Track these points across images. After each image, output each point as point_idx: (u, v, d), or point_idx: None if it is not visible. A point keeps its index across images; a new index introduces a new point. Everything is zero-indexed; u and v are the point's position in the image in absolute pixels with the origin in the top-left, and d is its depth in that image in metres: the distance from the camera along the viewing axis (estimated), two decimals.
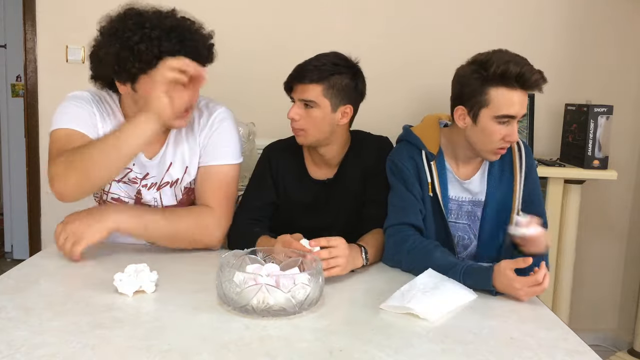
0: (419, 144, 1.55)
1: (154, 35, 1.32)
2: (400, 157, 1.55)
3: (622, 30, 2.56)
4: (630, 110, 2.61)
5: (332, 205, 1.62)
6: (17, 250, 3.74)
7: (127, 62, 1.32)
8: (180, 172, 1.52)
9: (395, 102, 2.53)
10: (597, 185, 2.59)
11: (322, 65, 1.50)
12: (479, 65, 1.43)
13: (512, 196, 1.54)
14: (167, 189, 1.53)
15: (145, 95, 1.35)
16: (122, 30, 1.34)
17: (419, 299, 1.16)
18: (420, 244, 1.42)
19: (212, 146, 1.52)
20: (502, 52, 1.44)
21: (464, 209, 1.57)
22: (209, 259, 1.40)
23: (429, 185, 1.53)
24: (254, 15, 2.50)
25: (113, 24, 1.37)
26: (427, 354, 0.96)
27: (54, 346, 0.91)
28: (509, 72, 1.38)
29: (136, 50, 1.31)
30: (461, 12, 2.52)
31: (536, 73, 1.39)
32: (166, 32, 1.33)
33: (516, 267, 1.24)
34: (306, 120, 1.52)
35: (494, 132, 1.43)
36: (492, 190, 1.55)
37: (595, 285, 2.71)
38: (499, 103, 1.40)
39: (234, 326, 1.03)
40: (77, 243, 1.31)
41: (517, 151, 1.57)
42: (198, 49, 1.38)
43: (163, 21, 1.36)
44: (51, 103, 2.53)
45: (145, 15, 1.37)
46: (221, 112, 1.55)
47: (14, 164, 3.75)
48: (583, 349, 1.02)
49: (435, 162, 1.54)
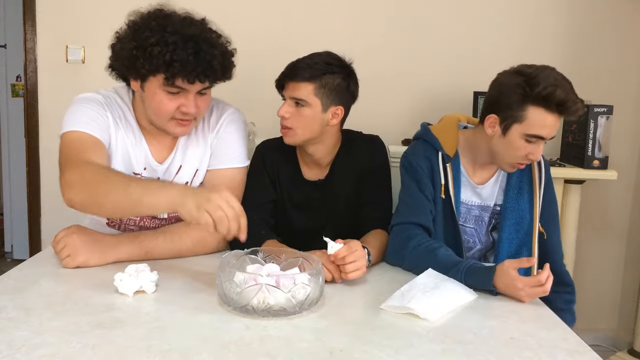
0: (437, 144, 1.53)
1: (171, 41, 1.30)
2: (415, 156, 1.54)
3: (622, 31, 2.56)
4: (630, 110, 2.61)
5: (324, 206, 1.61)
6: (17, 250, 3.74)
7: (138, 61, 1.32)
8: (189, 175, 1.51)
9: (395, 103, 2.53)
10: (597, 185, 2.59)
11: (315, 64, 1.49)
12: (524, 79, 1.38)
13: (533, 210, 1.54)
14: None
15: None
16: (143, 28, 1.33)
17: (419, 299, 1.15)
18: (425, 243, 1.41)
19: (219, 149, 1.52)
20: (550, 70, 1.39)
21: (472, 213, 1.57)
22: (209, 259, 1.40)
23: (441, 187, 1.52)
24: (254, 16, 2.50)
25: (138, 20, 1.37)
26: (427, 354, 0.96)
27: (54, 346, 0.91)
28: (554, 96, 1.35)
29: (149, 52, 1.30)
30: (461, 13, 2.52)
31: (578, 102, 1.37)
32: (184, 40, 1.31)
33: (519, 266, 1.24)
34: (296, 118, 1.51)
35: (519, 148, 1.42)
36: (512, 203, 1.54)
37: (595, 285, 2.71)
38: (533, 122, 1.38)
39: (234, 326, 1.03)
40: (72, 258, 1.29)
41: (537, 165, 1.55)
42: (212, 64, 1.34)
43: (185, 28, 1.34)
44: (51, 103, 2.53)
45: (171, 18, 1.35)
46: (230, 113, 1.55)
47: (14, 164, 3.74)
48: (583, 349, 1.02)
49: (450, 164, 1.53)
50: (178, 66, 1.29)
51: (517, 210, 1.54)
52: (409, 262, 1.41)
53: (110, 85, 1.53)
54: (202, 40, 1.34)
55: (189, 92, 1.36)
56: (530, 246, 1.54)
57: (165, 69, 1.30)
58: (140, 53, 1.31)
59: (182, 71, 1.30)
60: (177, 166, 1.50)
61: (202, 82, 1.34)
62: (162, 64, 1.30)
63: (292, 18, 2.50)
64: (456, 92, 2.48)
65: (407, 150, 1.59)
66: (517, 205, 1.54)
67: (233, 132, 1.54)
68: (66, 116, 1.41)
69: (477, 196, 1.56)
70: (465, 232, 1.57)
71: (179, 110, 1.37)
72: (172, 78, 1.31)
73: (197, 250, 1.43)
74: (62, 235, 1.32)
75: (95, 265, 1.30)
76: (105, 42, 1.46)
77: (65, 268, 1.29)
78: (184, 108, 1.37)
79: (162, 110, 1.37)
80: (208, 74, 1.34)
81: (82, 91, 1.57)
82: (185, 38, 1.31)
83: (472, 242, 1.58)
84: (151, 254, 1.36)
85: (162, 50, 1.29)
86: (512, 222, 1.54)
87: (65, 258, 1.29)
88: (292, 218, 1.63)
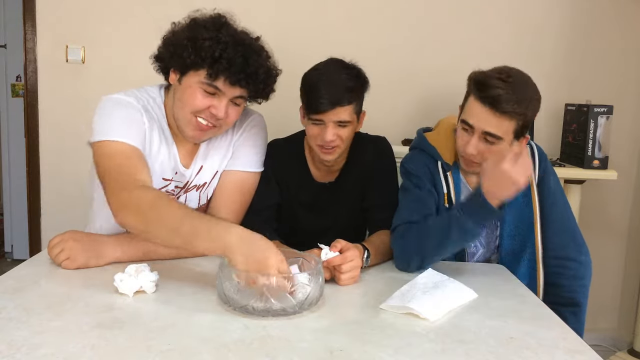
0: (435, 155, 1.53)
1: (223, 40, 1.31)
2: (415, 167, 1.53)
3: (622, 31, 2.56)
4: (630, 110, 2.61)
5: (331, 208, 1.62)
6: (17, 250, 3.74)
7: (186, 51, 1.32)
8: (209, 177, 1.51)
9: (395, 103, 2.53)
10: (597, 185, 2.59)
11: (353, 85, 1.49)
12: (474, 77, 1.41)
13: (531, 204, 1.52)
14: (193, 192, 1.51)
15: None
16: (199, 25, 1.34)
17: (419, 298, 1.16)
18: (424, 224, 1.42)
19: (239, 150, 1.52)
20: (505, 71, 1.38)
21: None
22: (209, 259, 1.40)
23: (445, 195, 1.51)
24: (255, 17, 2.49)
25: (197, 17, 1.38)
26: (427, 354, 0.96)
27: (54, 346, 0.91)
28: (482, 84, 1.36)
29: (200, 44, 1.30)
30: (462, 13, 2.51)
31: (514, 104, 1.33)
32: (236, 43, 1.32)
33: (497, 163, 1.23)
34: (342, 138, 1.51)
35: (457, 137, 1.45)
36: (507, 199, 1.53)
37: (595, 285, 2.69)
38: (466, 109, 1.41)
39: (234, 326, 1.03)
40: (70, 261, 1.28)
41: (530, 155, 1.53)
42: (257, 75, 1.34)
43: (240, 36, 1.35)
44: (51, 103, 2.53)
45: (229, 25, 1.37)
46: (256, 117, 1.56)
47: (14, 164, 3.74)
48: (583, 348, 1.02)
49: (451, 172, 1.52)
50: (225, 64, 1.30)
51: (514, 205, 1.52)
52: (416, 249, 1.38)
53: (111, 86, 1.53)
54: (253, 49, 1.35)
55: (225, 96, 1.35)
56: (534, 240, 1.53)
57: (210, 64, 1.30)
58: (190, 44, 1.31)
59: (227, 70, 1.30)
60: (199, 167, 1.50)
61: (243, 87, 1.34)
62: (209, 58, 1.30)
63: (293, 19, 2.50)
64: (456, 92, 2.47)
65: (405, 161, 1.58)
66: (514, 201, 1.52)
67: (255, 136, 1.54)
68: (100, 121, 1.35)
69: None
70: None
71: (208, 110, 1.36)
72: (215, 75, 1.31)
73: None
74: (58, 241, 1.30)
75: (95, 266, 1.30)
76: (105, 42, 1.47)
77: (66, 269, 1.29)
78: (214, 110, 1.35)
79: (192, 104, 1.35)
80: (251, 80, 1.34)
81: (82, 91, 1.57)
82: (237, 42, 1.32)
83: (474, 246, 1.57)
84: (149, 254, 1.36)
85: (212, 45, 1.30)
86: (510, 218, 1.53)
87: (65, 261, 1.28)
88: (299, 218, 1.63)
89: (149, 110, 1.42)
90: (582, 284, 1.57)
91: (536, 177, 1.53)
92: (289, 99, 1.63)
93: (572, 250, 1.56)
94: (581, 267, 1.57)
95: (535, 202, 1.52)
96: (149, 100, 1.44)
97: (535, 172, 1.53)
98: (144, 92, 1.45)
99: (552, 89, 2.53)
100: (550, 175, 1.56)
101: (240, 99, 1.38)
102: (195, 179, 1.50)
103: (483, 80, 1.37)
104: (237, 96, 1.36)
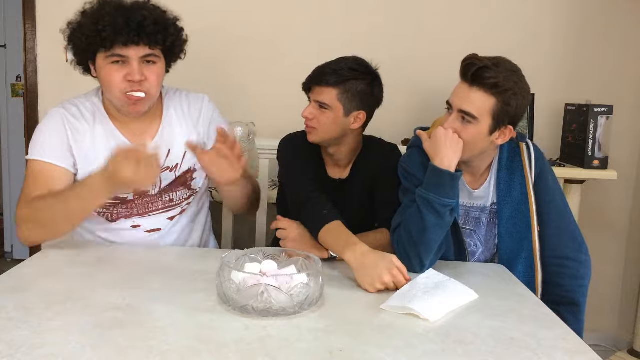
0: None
1: (104, 13, 1.35)
2: (412, 165, 1.53)
3: (622, 31, 2.56)
4: (630, 110, 2.61)
5: (340, 205, 1.62)
6: (17, 250, 3.74)
7: (81, 40, 1.38)
8: (179, 158, 1.55)
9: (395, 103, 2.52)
10: (597, 185, 2.59)
11: (340, 69, 1.51)
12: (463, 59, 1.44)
13: (528, 202, 1.52)
14: (167, 173, 1.55)
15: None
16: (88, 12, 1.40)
17: (420, 298, 1.16)
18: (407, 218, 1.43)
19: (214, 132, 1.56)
20: (496, 57, 1.41)
21: (472, 215, 1.56)
22: (209, 259, 1.40)
23: None
24: (255, 16, 2.50)
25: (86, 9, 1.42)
26: (427, 354, 0.96)
27: (54, 346, 0.91)
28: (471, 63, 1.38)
29: (86, 28, 1.36)
30: (461, 12, 2.52)
31: (491, 77, 1.34)
32: (115, 10, 1.36)
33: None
34: (318, 120, 1.54)
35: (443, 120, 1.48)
36: (504, 197, 1.53)
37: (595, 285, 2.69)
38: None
39: (234, 326, 1.03)
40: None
41: (527, 154, 1.54)
42: (142, 25, 1.37)
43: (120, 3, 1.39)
44: (51, 103, 2.49)
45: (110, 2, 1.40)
46: (208, 99, 1.61)
47: (14, 164, 3.75)
48: (583, 349, 1.02)
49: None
50: (110, 30, 1.34)
51: (511, 203, 1.52)
52: (412, 247, 1.38)
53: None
54: (135, 7, 1.39)
55: (132, 59, 1.38)
56: (531, 238, 1.52)
57: (102, 38, 1.35)
58: (82, 32, 1.38)
59: (115, 34, 1.34)
60: (166, 151, 1.52)
61: (137, 44, 1.37)
62: (98, 34, 1.35)
63: (293, 20, 2.50)
64: None
65: (403, 160, 1.58)
66: (510, 199, 1.53)
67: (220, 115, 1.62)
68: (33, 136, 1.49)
69: (475, 199, 1.56)
70: (465, 235, 1.56)
71: (125, 80, 1.39)
72: (110, 44, 1.35)
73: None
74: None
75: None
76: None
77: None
78: (130, 77, 1.39)
79: (112, 83, 1.40)
80: (142, 33, 1.36)
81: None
82: (117, 8, 1.37)
83: (474, 244, 1.57)
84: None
85: (97, 22, 1.35)
86: (507, 215, 1.53)
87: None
88: None
89: (84, 113, 1.50)
90: (581, 283, 1.57)
91: (533, 176, 1.53)
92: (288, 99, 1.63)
93: (571, 249, 1.56)
94: (581, 266, 1.57)
95: (532, 200, 1.52)
96: (84, 104, 1.52)
97: (531, 171, 1.53)
98: (82, 97, 1.55)
99: (552, 89, 2.53)
100: (548, 174, 1.56)
101: (150, 56, 1.41)
102: (166, 161, 1.53)
103: (470, 60, 1.39)
104: (144, 55, 1.40)
